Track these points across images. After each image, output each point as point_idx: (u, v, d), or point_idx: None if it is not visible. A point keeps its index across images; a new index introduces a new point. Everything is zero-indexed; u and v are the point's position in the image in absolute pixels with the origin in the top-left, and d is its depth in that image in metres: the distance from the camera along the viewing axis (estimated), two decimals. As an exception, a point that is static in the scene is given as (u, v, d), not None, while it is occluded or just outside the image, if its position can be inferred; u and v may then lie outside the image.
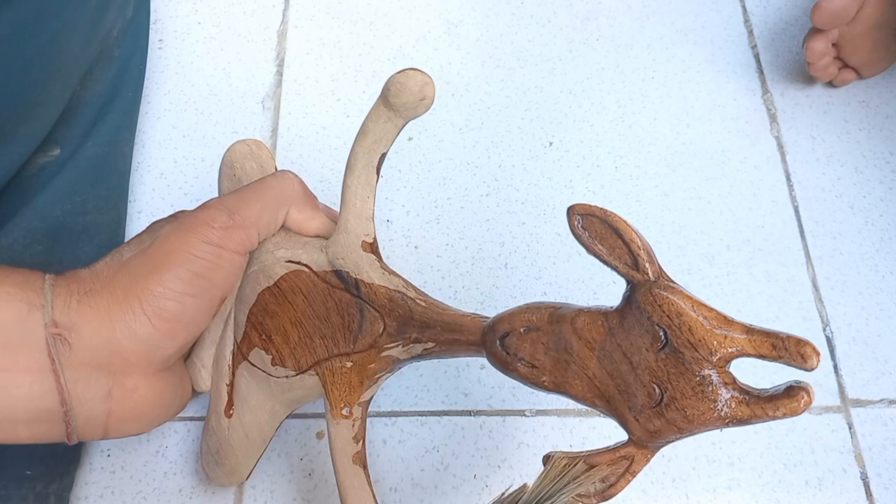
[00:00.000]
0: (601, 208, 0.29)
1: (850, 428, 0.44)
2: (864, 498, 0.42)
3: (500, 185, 0.52)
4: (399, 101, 0.31)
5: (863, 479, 0.43)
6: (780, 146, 0.54)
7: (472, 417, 0.44)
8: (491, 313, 0.34)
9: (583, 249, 0.29)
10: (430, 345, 0.34)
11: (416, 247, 0.50)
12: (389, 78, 0.31)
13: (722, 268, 0.49)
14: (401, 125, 0.33)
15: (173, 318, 0.32)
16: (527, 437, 0.44)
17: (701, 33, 0.58)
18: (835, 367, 0.46)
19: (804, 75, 0.56)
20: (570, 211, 0.29)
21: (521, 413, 0.44)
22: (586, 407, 0.30)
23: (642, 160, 0.53)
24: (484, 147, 0.53)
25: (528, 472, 0.43)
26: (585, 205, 0.29)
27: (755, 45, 0.58)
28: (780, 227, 0.51)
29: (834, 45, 0.52)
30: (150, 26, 0.54)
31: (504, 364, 0.31)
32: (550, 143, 0.54)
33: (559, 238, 0.50)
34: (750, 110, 0.55)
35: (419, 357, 0.35)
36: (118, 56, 0.49)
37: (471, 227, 0.50)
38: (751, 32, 0.58)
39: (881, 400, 0.45)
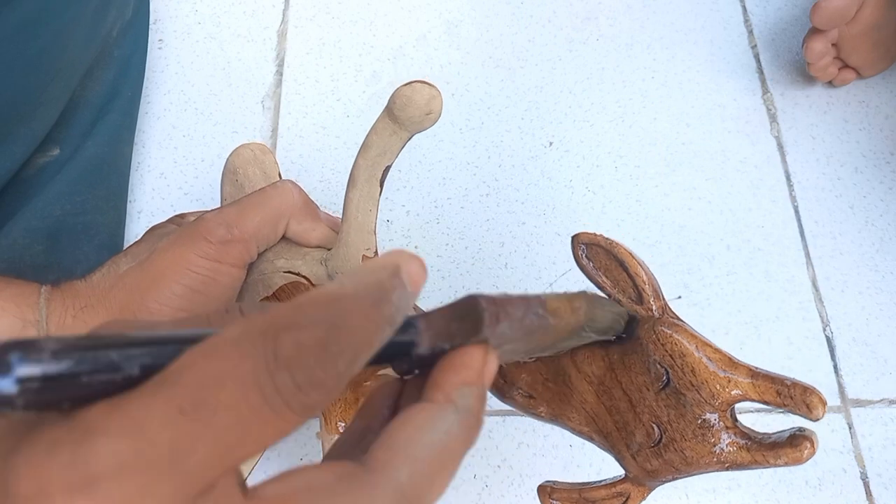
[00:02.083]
0: (606, 239, 0.28)
1: (850, 428, 0.44)
2: (864, 498, 0.42)
3: (500, 185, 0.52)
4: (405, 115, 0.30)
5: (863, 479, 0.43)
6: (780, 146, 0.54)
7: (472, 417, 0.44)
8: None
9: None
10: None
11: (416, 247, 0.50)
12: (395, 91, 0.30)
13: (722, 268, 0.49)
14: (406, 139, 0.32)
15: None
16: (527, 437, 0.44)
17: (701, 33, 0.58)
18: (835, 367, 0.46)
19: (804, 75, 0.56)
20: (575, 240, 0.28)
21: (522, 413, 0.44)
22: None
23: (642, 160, 0.53)
24: (484, 147, 0.53)
25: (529, 472, 0.43)
26: (590, 234, 0.28)
27: (755, 45, 0.58)
28: (780, 227, 0.50)
29: (834, 45, 0.52)
30: (150, 26, 0.54)
31: (501, 392, 0.31)
32: (550, 143, 0.54)
33: (559, 238, 0.50)
34: (750, 110, 0.55)
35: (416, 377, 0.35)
36: (118, 56, 0.49)
37: (471, 227, 0.50)
38: (751, 32, 0.58)
39: (881, 400, 0.45)
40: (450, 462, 0.17)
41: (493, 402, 0.44)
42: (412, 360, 0.20)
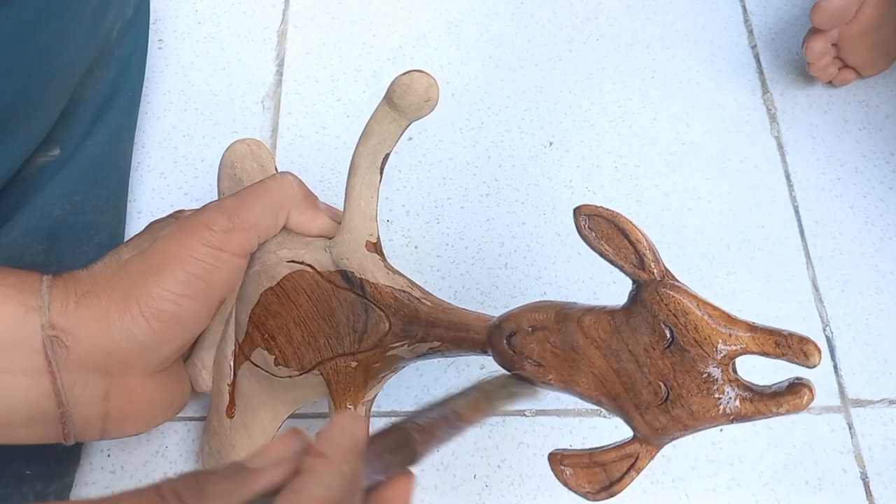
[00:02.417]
0: (608, 209, 0.29)
1: (850, 428, 0.44)
2: (864, 498, 0.42)
3: (500, 185, 0.52)
4: (404, 103, 0.31)
5: (863, 479, 0.43)
6: (780, 146, 0.54)
7: (472, 417, 0.44)
8: (491, 313, 0.34)
9: (583, 249, 0.30)
10: (436, 343, 0.34)
11: (416, 247, 0.50)
12: (394, 79, 0.31)
13: (722, 268, 0.49)
14: (405, 126, 0.33)
15: (171, 320, 0.32)
16: (527, 437, 0.44)
17: (701, 33, 0.58)
18: (835, 367, 0.46)
19: (804, 75, 0.56)
20: (577, 211, 0.29)
21: (521, 413, 0.44)
22: (591, 405, 0.30)
23: (642, 160, 0.53)
24: (484, 147, 0.53)
25: (529, 472, 0.43)
26: (592, 206, 0.29)
27: (755, 45, 0.58)
28: (780, 227, 0.50)
29: (833, 45, 0.52)
30: (150, 26, 0.54)
31: (511, 363, 0.31)
32: (550, 143, 0.54)
33: (559, 238, 0.50)
34: (750, 110, 0.55)
35: (424, 356, 0.35)
36: (118, 56, 0.49)
37: (471, 227, 0.50)
38: (751, 32, 0.58)
39: (881, 400, 0.45)
40: None
41: (493, 401, 0.44)
42: None
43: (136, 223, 0.50)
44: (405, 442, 0.25)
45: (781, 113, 0.55)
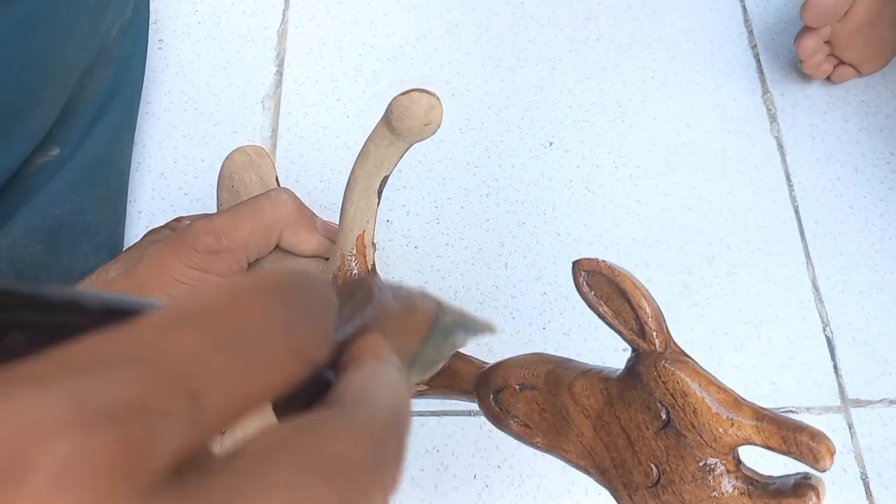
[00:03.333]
0: (609, 266, 0.26)
1: (850, 428, 0.44)
2: (864, 498, 0.42)
3: (500, 185, 0.52)
4: (402, 126, 0.29)
5: (863, 479, 0.43)
6: (780, 146, 0.54)
7: (472, 417, 0.44)
8: (491, 313, 0.34)
9: (583, 250, 0.29)
10: (423, 387, 0.33)
11: (416, 247, 0.50)
12: (393, 99, 0.29)
13: (722, 268, 0.49)
14: (404, 149, 0.30)
15: None
16: (527, 437, 0.44)
17: (701, 33, 0.58)
18: (835, 367, 0.46)
19: (804, 75, 0.56)
20: (576, 266, 0.27)
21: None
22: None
23: (642, 160, 0.53)
24: (484, 147, 0.53)
25: (529, 472, 0.43)
26: (592, 261, 0.27)
27: (755, 45, 0.58)
28: (780, 227, 0.50)
29: (827, 42, 0.52)
30: (150, 26, 0.54)
31: (496, 419, 0.30)
32: (550, 143, 0.54)
33: (559, 238, 0.50)
34: (750, 110, 0.55)
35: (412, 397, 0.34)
36: (117, 56, 0.49)
37: (471, 227, 0.50)
38: (751, 32, 0.58)
39: (881, 400, 0.45)
40: (405, 409, 0.18)
41: (492, 402, 0.44)
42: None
43: (135, 223, 0.50)
44: (360, 284, 0.22)
45: (781, 113, 0.55)
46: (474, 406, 0.45)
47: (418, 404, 0.44)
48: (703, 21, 0.59)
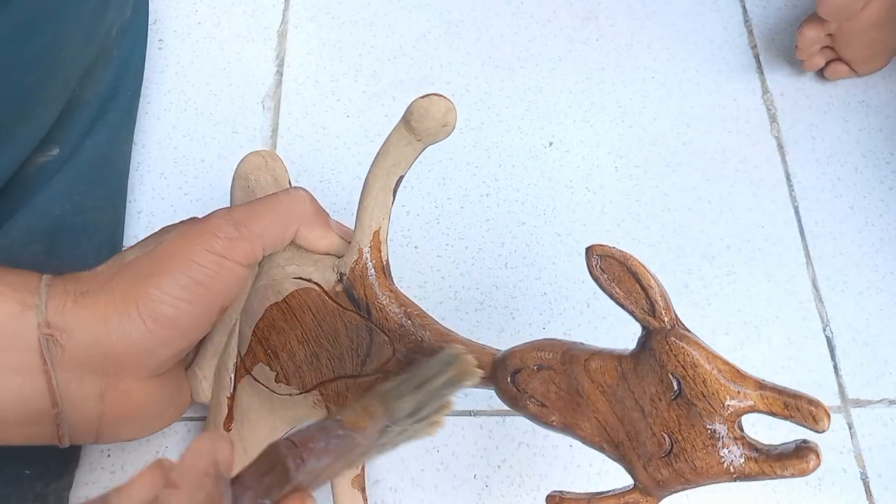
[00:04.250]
0: (621, 251, 0.28)
1: (850, 428, 0.44)
2: (864, 498, 0.42)
3: (500, 185, 0.52)
4: (421, 127, 0.31)
5: (863, 479, 0.43)
6: (780, 146, 0.54)
7: (472, 417, 0.44)
8: (491, 313, 0.34)
9: (583, 249, 0.29)
10: None
11: (416, 247, 0.50)
12: (413, 102, 0.31)
13: (722, 268, 0.49)
14: (420, 149, 0.32)
15: (169, 323, 0.32)
16: (527, 437, 0.44)
17: (701, 33, 0.58)
18: (835, 367, 0.46)
19: (804, 75, 0.56)
20: (589, 251, 0.29)
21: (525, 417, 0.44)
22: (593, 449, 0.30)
23: (642, 160, 0.53)
24: (484, 147, 0.53)
25: (529, 472, 0.43)
26: (605, 246, 0.28)
27: (755, 45, 0.58)
28: (780, 227, 0.50)
29: (829, 36, 0.52)
30: (150, 26, 0.54)
31: (514, 400, 0.31)
32: (550, 143, 0.54)
33: (559, 238, 0.50)
34: (750, 110, 0.55)
35: None
36: (117, 56, 0.49)
37: (471, 227, 0.50)
38: (751, 32, 0.58)
39: (881, 400, 0.45)
40: None
41: (493, 401, 0.44)
42: None
43: (135, 223, 0.50)
44: (276, 459, 0.24)
45: (781, 113, 0.55)
46: (475, 406, 0.45)
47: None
48: (703, 21, 0.59)
